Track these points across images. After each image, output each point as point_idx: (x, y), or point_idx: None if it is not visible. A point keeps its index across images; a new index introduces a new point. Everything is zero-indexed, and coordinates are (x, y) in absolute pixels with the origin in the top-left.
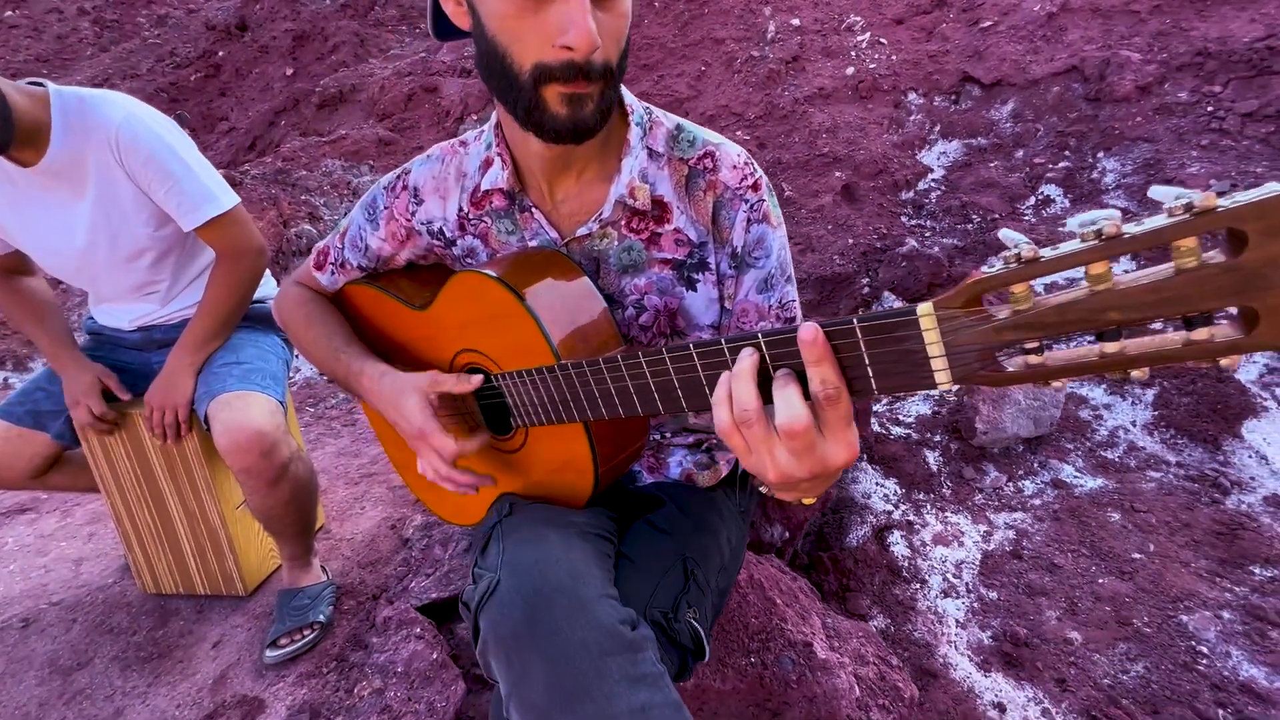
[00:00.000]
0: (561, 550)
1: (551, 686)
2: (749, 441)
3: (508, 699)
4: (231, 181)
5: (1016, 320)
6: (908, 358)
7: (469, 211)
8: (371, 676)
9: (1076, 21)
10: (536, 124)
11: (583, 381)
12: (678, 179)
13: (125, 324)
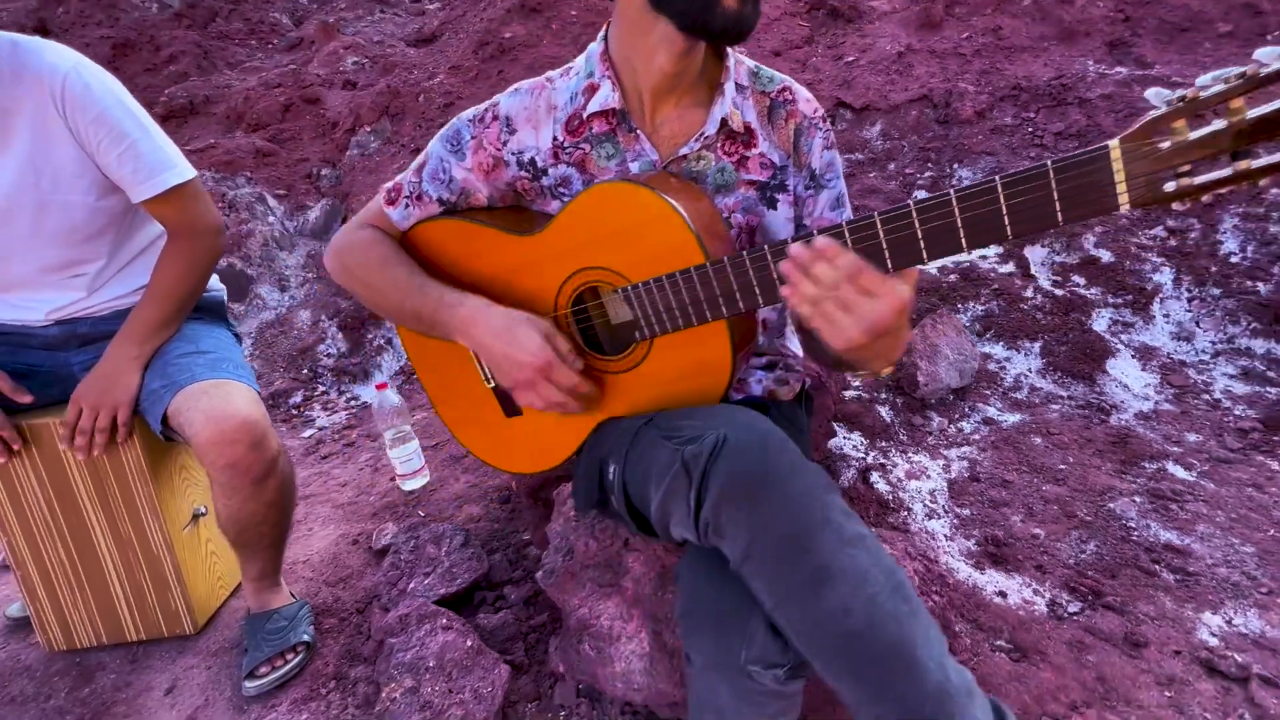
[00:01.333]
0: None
1: (797, 516)
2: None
3: (749, 543)
4: None
5: (1175, 148)
6: (1095, 188)
7: (564, 140)
8: (400, 677)
9: (920, 60)
10: (704, 23)
11: (739, 272)
12: (760, 109)
13: (38, 316)
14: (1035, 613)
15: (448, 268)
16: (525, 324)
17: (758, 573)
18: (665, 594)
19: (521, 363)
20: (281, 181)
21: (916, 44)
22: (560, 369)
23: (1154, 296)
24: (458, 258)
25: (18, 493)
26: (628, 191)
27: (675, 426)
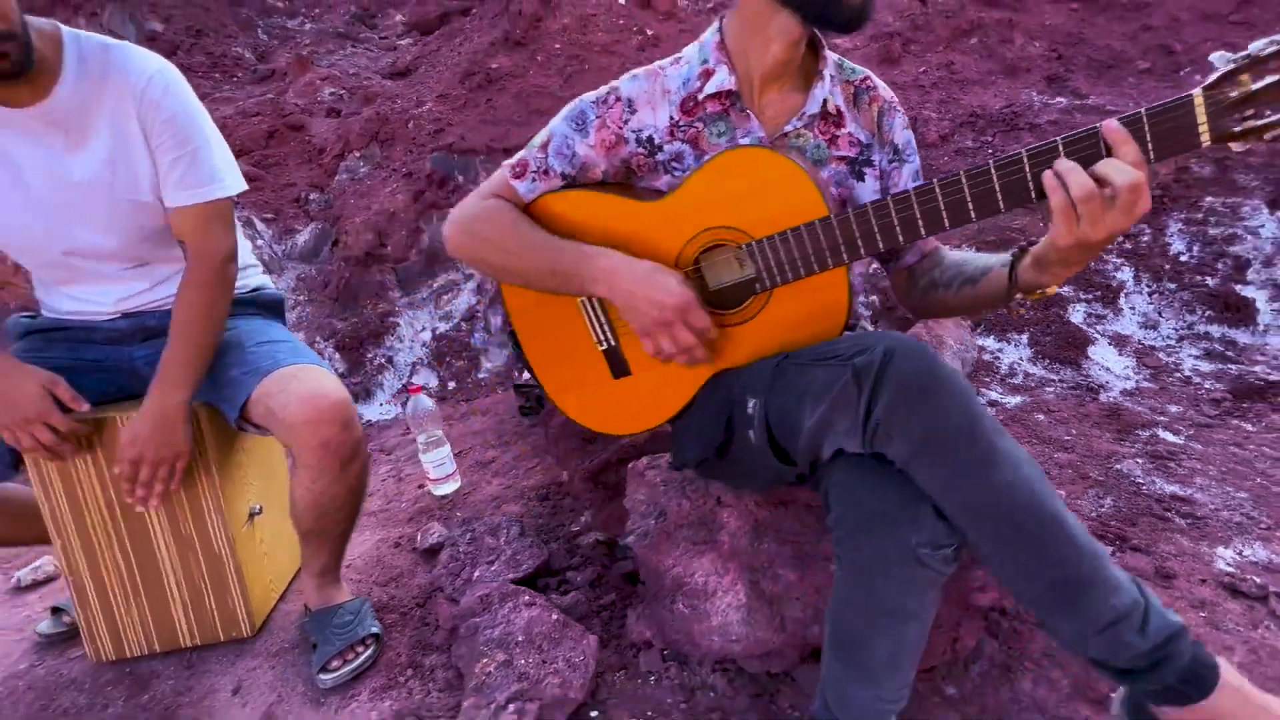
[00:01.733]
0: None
1: (963, 409)
2: (1089, 214)
3: (922, 438)
4: None
5: (1241, 96)
6: (1181, 129)
7: (680, 119)
8: (492, 652)
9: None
10: (827, 15)
11: (862, 221)
12: (847, 95)
13: (105, 308)
14: None
15: (572, 233)
16: (664, 271)
17: (930, 464)
18: (761, 544)
19: (663, 304)
20: (269, 206)
21: (880, 76)
22: (696, 311)
23: (1119, 292)
24: (582, 224)
25: (77, 493)
26: (757, 155)
27: (828, 350)
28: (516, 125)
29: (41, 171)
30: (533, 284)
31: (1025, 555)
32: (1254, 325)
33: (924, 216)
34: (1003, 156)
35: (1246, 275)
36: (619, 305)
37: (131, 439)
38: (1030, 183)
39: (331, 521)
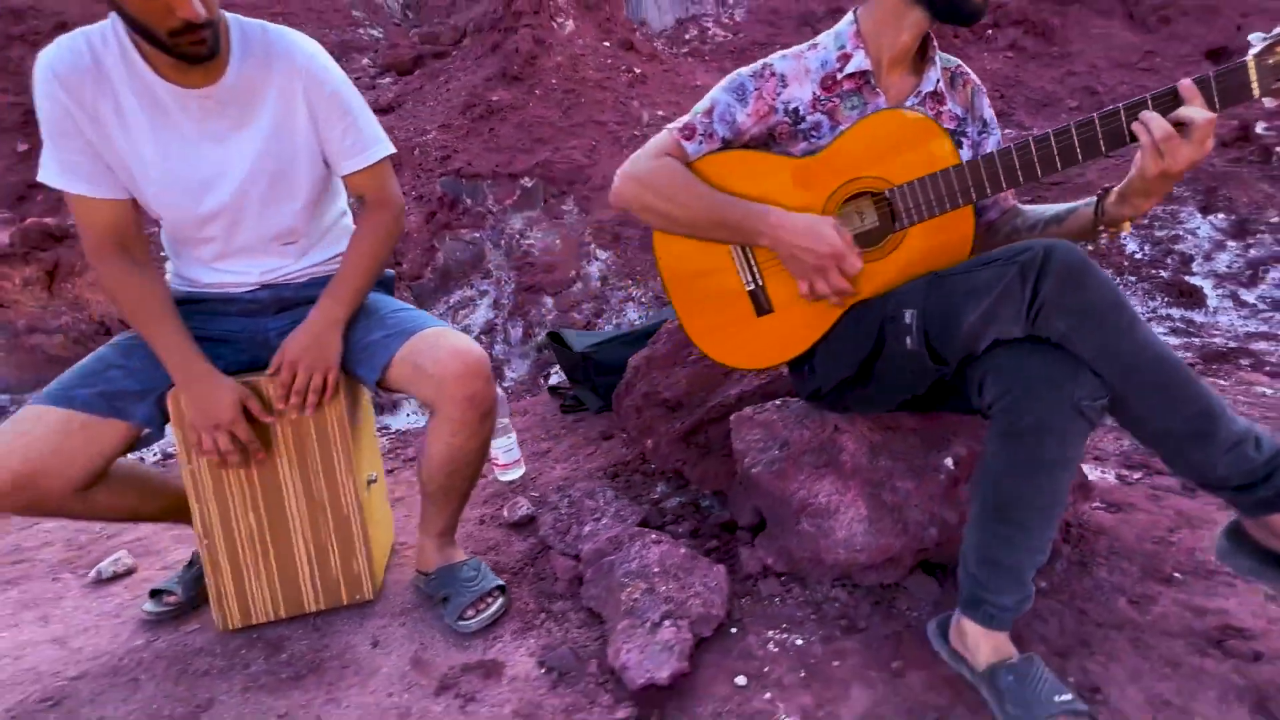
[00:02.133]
0: None
1: (1111, 289)
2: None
3: (1081, 313)
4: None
5: (1261, 62)
6: (1240, 85)
7: (820, 95)
8: (633, 582)
9: None
10: (955, 11)
11: (989, 166)
12: (945, 79)
13: (252, 279)
14: (1110, 483)
15: (730, 188)
16: (823, 223)
17: (1088, 332)
18: (879, 461)
19: (822, 253)
20: None
21: None
22: (850, 257)
23: None
24: (739, 178)
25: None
26: (900, 115)
27: (985, 258)
28: (520, 151)
29: (213, 152)
30: (697, 232)
31: (1168, 397)
32: (1205, 307)
33: (1040, 159)
34: (1103, 110)
35: (1192, 267)
36: (782, 256)
37: (292, 345)
38: (1126, 128)
39: (460, 478)
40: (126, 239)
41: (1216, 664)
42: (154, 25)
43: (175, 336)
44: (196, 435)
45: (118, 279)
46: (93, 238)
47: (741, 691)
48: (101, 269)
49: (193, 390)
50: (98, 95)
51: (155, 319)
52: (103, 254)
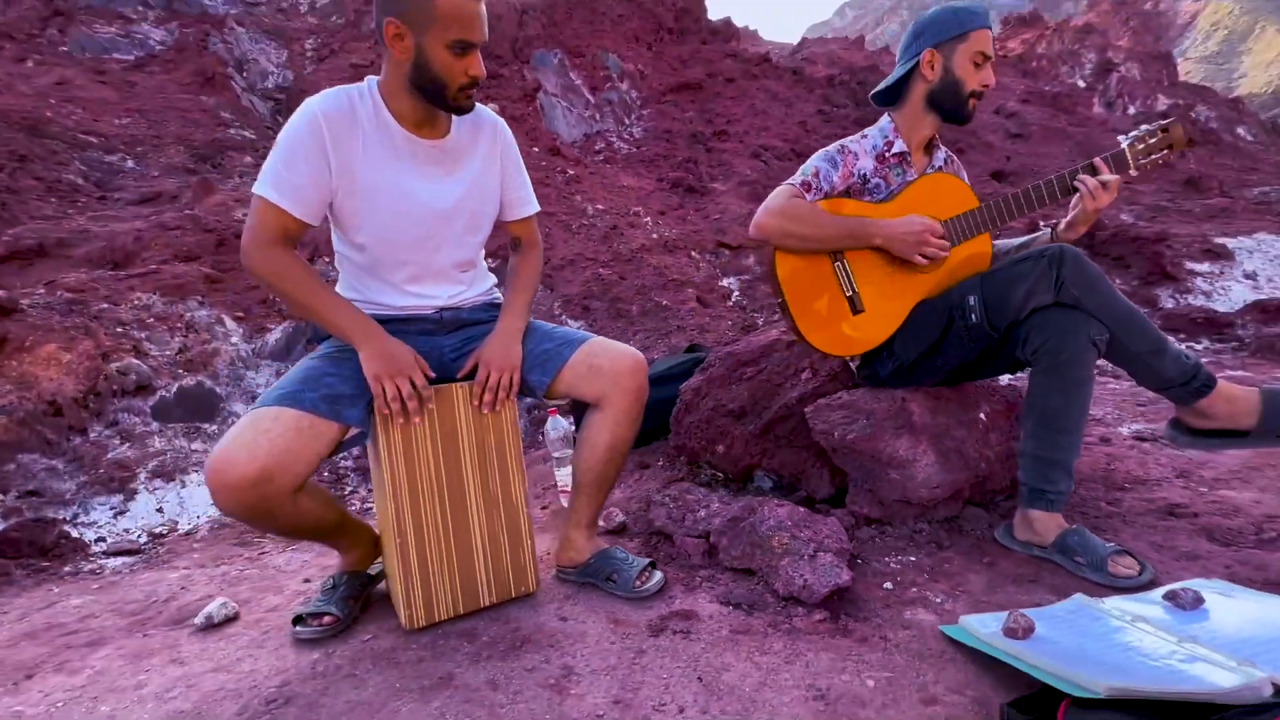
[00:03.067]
0: None
1: (1098, 271)
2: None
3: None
4: (1, 310)
5: (1144, 148)
6: (1120, 161)
7: (876, 166)
8: (776, 533)
9: None
10: (960, 116)
11: (998, 208)
12: (944, 157)
13: (438, 300)
14: None
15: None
16: (910, 217)
17: (1092, 296)
18: (937, 419)
19: (917, 230)
20: (238, 305)
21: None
22: (935, 226)
23: None
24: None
25: (414, 455)
26: (944, 177)
27: (1020, 258)
28: None
29: (431, 189)
30: (826, 245)
31: (1139, 332)
32: None
33: (1028, 201)
34: (1057, 175)
35: None
36: (890, 245)
37: (486, 351)
38: (1070, 184)
39: (615, 467)
40: (287, 244)
41: (1174, 522)
42: (449, 81)
43: (345, 305)
44: (379, 385)
45: (284, 263)
46: (268, 235)
47: (892, 591)
48: (267, 256)
49: (373, 345)
50: (350, 135)
51: (325, 292)
52: (273, 246)
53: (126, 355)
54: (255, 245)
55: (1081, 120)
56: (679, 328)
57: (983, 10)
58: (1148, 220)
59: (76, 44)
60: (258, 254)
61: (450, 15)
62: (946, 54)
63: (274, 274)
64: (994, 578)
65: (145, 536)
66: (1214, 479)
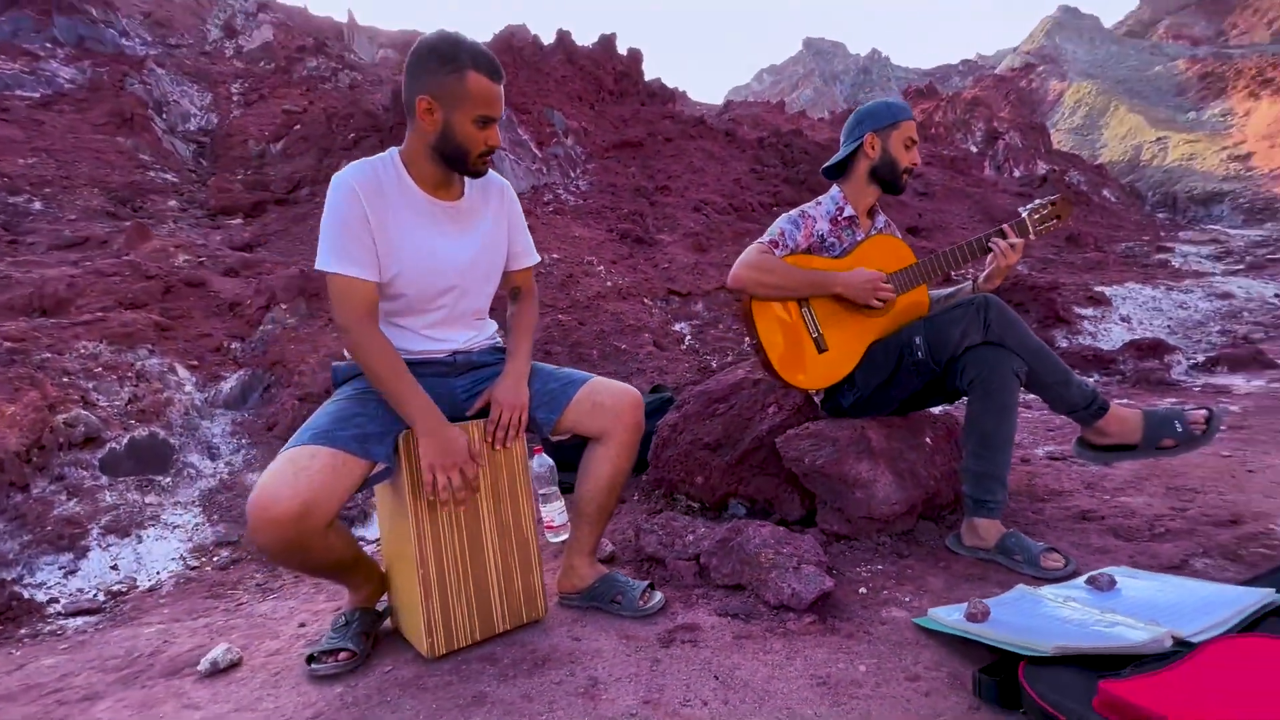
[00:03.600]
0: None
1: (1015, 315)
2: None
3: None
4: None
5: (1040, 216)
6: (1021, 228)
7: (830, 229)
8: (762, 549)
9: (706, 267)
10: (896, 188)
11: (932, 263)
12: (883, 221)
13: (454, 345)
14: None
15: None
16: (865, 270)
17: (1012, 336)
18: (891, 444)
19: (871, 279)
20: (190, 353)
21: (700, 259)
22: (884, 287)
23: None
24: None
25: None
26: (888, 238)
27: (955, 304)
28: None
29: (451, 244)
30: (794, 294)
31: (1050, 365)
32: None
33: (955, 258)
34: (976, 237)
35: None
36: (848, 292)
37: (499, 392)
38: (985, 245)
39: (614, 497)
40: (375, 312)
41: (1086, 525)
42: (471, 149)
43: (417, 390)
44: (432, 474)
45: (374, 342)
46: (354, 311)
47: (866, 595)
48: (360, 333)
49: (435, 436)
50: (381, 201)
51: (402, 375)
52: (363, 323)
53: (74, 406)
54: (355, 321)
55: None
56: (639, 370)
57: (908, 105)
58: (1040, 271)
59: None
60: (360, 331)
61: (479, 95)
62: (884, 138)
63: (376, 351)
64: (950, 578)
65: (103, 595)
66: (1114, 488)
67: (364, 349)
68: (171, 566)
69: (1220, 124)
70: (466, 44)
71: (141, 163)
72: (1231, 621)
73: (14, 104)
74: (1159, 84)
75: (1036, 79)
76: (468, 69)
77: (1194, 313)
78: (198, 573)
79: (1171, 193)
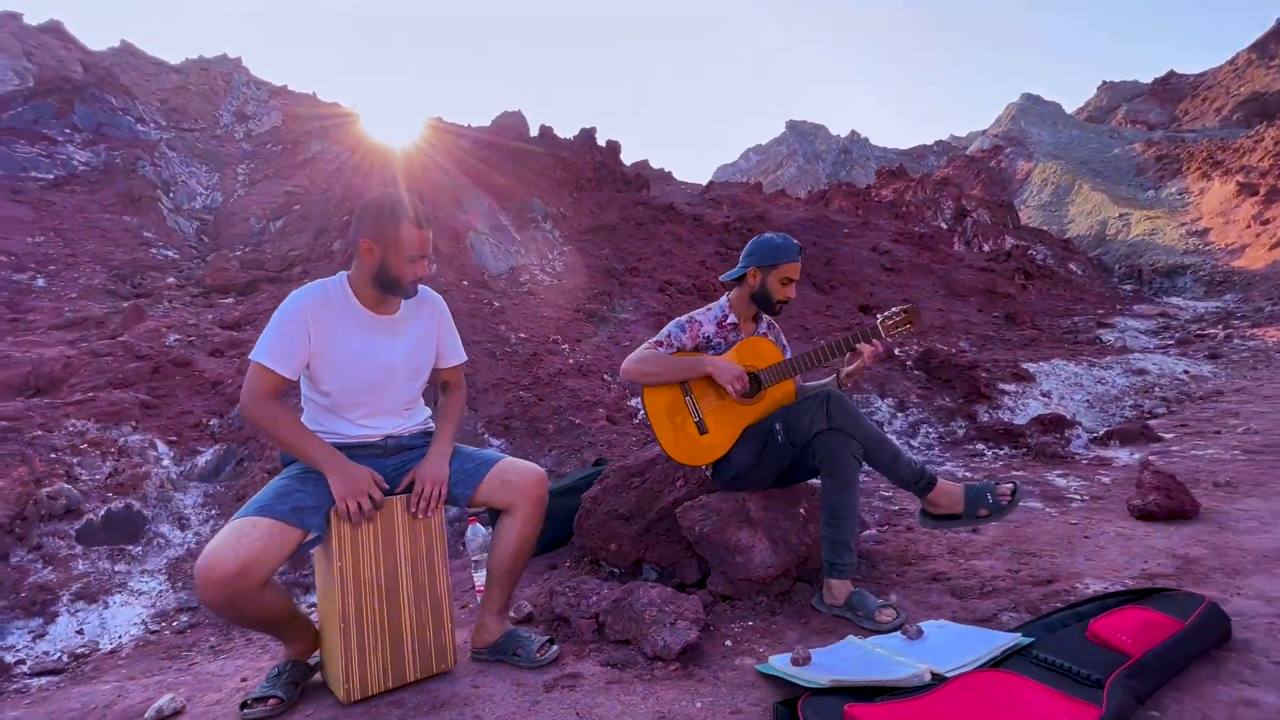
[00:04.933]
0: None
1: (854, 407)
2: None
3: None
4: None
5: (893, 323)
6: (874, 333)
7: (716, 331)
8: (647, 608)
9: None
10: (771, 311)
11: (797, 361)
12: (767, 325)
13: (384, 431)
14: (873, 535)
15: None
16: (733, 364)
17: (850, 424)
18: (768, 514)
19: (734, 369)
20: (170, 429)
21: None
22: (742, 378)
23: None
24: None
25: (358, 554)
26: (756, 339)
27: (805, 396)
28: None
29: (383, 349)
30: (673, 377)
31: (883, 450)
32: None
33: (813, 359)
34: (840, 337)
35: (886, 430)
36: (715, 373)
37: (423, 470)
38: (844, 347)
39: (522, 562)
40: (277, 397)
41: (934, 585)
42: (403, 279)
43: (316, 440)
44: (343, 503)
45: (275, 412)
46: (263, 393)
47: (731, 647)
48: (259, 409)
49: (340, 473)
50: (327, 316)
51: (304, 433)
52: (261, 402)
53: (59, 480)
54: (253, 399)
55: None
56: (590, 444)
57: (795, 246)
58: (977, 348)
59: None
60: (255, 406)
61: (409, 241)
62: (765, 273)
63: (268, 420)
64: (806, 632)
65: (66, 657)
66: (971, 554)
67: (266, 420)
68: (133, 631)
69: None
70: (404, 200)
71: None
72: (982, 659)
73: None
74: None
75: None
76: (403, 220)
77: (1111, 388)
78: (157, 636)
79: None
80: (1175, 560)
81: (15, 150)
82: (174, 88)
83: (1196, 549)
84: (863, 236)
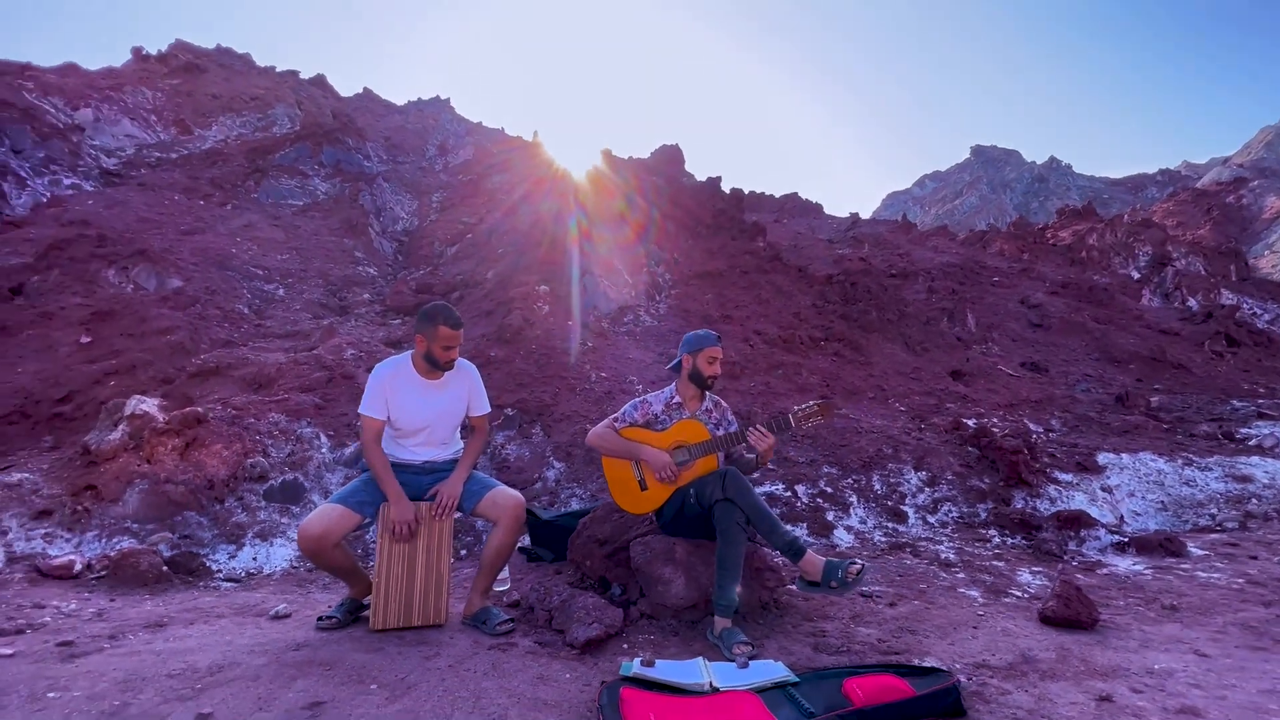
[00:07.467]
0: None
1: (746, 483)
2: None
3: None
4: (196, 419)
5: (795, 416)
6: (785, 423)
7: (664, 410)
8: (580, 610)
9: (732, 391)
10: (706, 387)
11: (720, 441)
12: (712, 403)
13: (423, 457)
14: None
15: (632, 439)
16: (660, 453)
17: (739, 496)
18: (691, 558)
19: (662, 461)
20: (330, 427)
21: (728, 385)
22: (671, 464)
23: (848, 508)
24: (636, 437)
25: (393, 530)
26: (693, 421)
27: (708, 474)
28: (506, 390)
29: (431, 401)
30: (622, 457)
31: (762, 520)
32: (907, 523)
33: (725, 441)
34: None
35: (905, 501)
36: (649, 463)
37: (444, 486)
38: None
39: (502, 559)
40: (379, 437)
41: (811, 639)
42: (441, 361)
43: (394, 480)
44: (393, 525)
45: (375, 453)
46: (367, 435)
47: (624, 650)
48: (369, 448)
49: (398, 504)
50: (395, 382)
51: (387, 471)
52: (370, 443)
53: (258, 455)
54: (367, 442)
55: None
56: None
57: (714, 335)
58: (1070, 427)
59: (264, 193)
60: (369, 447)
61: (444, 338)
62: (694, 358)
63: (375, 459)
64: (688, 651)
65: (243, 573)
66: (866, 622)
67: (370, 456)
68: (282, 565)
69: None
70: (444, 309)
71: (356, 259)
72: (754, 684)
73: (284, 212)
74: None
75: (1249, 194)
76: (440, 324)
77: (1198, 491)
78: (296, 571)
79: None
80: (1015, 656)
81: (280, 183)
82: (395, 127)
83: (1048, 653)
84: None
